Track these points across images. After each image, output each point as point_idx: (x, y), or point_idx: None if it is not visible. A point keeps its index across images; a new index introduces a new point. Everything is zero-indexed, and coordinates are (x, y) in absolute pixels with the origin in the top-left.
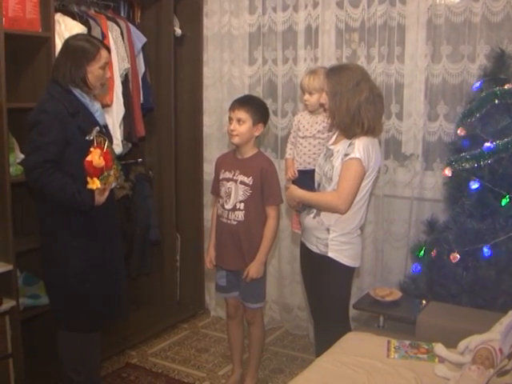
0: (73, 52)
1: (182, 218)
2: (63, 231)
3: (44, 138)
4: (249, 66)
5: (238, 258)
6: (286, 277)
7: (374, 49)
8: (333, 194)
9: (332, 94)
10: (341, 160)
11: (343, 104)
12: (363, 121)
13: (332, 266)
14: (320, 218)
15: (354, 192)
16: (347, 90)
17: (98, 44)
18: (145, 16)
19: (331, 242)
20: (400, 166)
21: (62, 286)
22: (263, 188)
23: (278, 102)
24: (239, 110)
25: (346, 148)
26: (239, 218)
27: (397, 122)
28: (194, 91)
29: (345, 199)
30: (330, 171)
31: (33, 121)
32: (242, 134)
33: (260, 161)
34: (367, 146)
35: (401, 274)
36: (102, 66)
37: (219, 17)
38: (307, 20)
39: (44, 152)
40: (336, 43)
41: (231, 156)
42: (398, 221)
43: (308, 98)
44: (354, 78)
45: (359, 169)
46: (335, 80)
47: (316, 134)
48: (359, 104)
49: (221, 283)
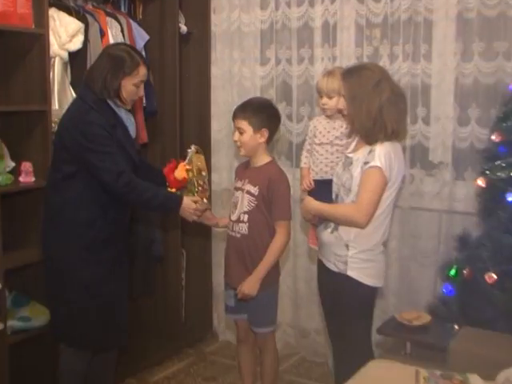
0: (111, 61)
1: (188, 231)
2: (73, 244)
3: (107, 148)
4: (261, 66)
5: (242, 275)
6: (301, 297)
7: (398, 47)
8: (351, 206)
9: (350, 97)
10: (360, 169)
11: (363, 107)
12: (386, 124)
13: (352, 286)
14: (338, 232)
15: (375, 204)
16: (366, 91)
17: (138, 59)
18: (147, 12)
19: (351, 260)
20: (427, 176)
21: (67, 300)
22: (271, 201)
23: (293, 105)
24: (237, 118)
25: (366, 155)
26: (242, 230)
27: (423, 127)
28: (201, 93)
29: (364, 212)
30: (348, 181)
31: (87, 134)
32: (245, 145)
33: (269, 170)
34: (388, 153)
35: (430, 295)
36: (137, 84)
37: (228, 12)
38: (324, 15)
39: (117, 160)
40: (356, 41)
41: (246, 164)
42: (426, 236)
43: (326, 102)
44: (373, 78)
45: (380, 178)
46: (353, 82)
47: (334, 141)
48: (380, 106)
49: (229, 303)
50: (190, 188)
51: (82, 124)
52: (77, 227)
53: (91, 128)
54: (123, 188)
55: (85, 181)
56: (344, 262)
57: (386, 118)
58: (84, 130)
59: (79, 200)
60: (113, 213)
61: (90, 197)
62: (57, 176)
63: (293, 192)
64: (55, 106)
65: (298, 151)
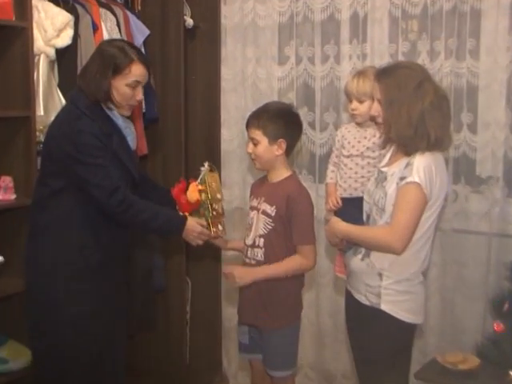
0: (102, 58)
1: (194, 257)
2: (60, 271)
3: (98, 160)
4: (279, 65)
5: (257, 310)
6: (326, 335)
7: (440, 42)
8: (385, 228)
9: (387, 101)
10: (396, 185)
11: (403, 113)
12: (428, 132)
13: (386, 323)
14: (370, 259)
15: (413, 226)
16: (407, 94)
17: (132, 56)
18: (147, 2)
19: (385, 291)
20: (474, 193)
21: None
22: (290, 222)
23: (316, 111)
24: (251, 127)
25: (402, 170)
26: (258, 256)
27: (469, 136)
28: (210, 97)
29: (400, 235)
30: (382, 200)
31: (77, 145)
32: (259, 157)
33: (288, 187)
34: (429, 166)
35: (477, 333)
36: (131, 85)
37: (241, 3)
38: (353, 6)
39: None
40: (390, 35)
41: (262, 180)
42: (473, 263)
43: (357, 107)
44: (413, 79)
45: (419, 196)
46: (390, 83)
47: (364, 152)
48: (422, 111)
49: (242, 340)
50: (202, 212)
51: (71, 132)
52: (65, 251)
53: (81, 137)
54: (116, 207)
55: (75, 197)
56: (377, 293)
57: (428, 125)
58: (73, 139)
59: (68, 219)
60: (107, 235)
61: (81, 215)
62: (43, 192)
63: (316, 212)
64: (40, 112)
65: (321, 164)
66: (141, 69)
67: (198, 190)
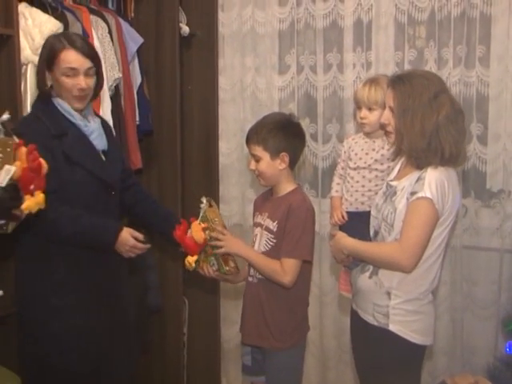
0: (41, 52)
1: (191, 276)
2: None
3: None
4: (279, 74)
5: (259, 330)
6: (330, 357)
7: (448, 49)
8: (394, 245)
9: (400, 110)
10: (406, 200)
11: (416, 124)
12: (443, 146)
13: (394, 344)
14: (378, 277)
15: (423, 243)
16: (421, 104)
17: (64, 42)
18: (141, 9)
19: (393, 311)
20: (484, 207)
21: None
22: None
23: (319, 122)
24: (251, 143)
25: (413, 184)
26: (259, 274)
27: (479, 148)
28: (207, 108)
29: (410, 253)
30: (391, 215)
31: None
32: (263, 174)
33: (289, 200)
34: (441, 180)
35: (489, 355)
36: (66, 73)
37: (239, 9)
38: (357, 12)
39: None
40: (395, 43)
41: (266, 195)
42: (484, 281)
43: (366, 115)
44: (429, 89)
45: (430, 212)
46: (405, 91)
47: (372, 165)
48: (438, 124)
49: (245, 362)
50: (210, 250)
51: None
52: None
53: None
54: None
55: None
56: (385, 313)
57: (443, 139)
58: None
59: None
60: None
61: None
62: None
63: (318, 228)
64: None
65: (324, 178)
66: (72, 55)
67: (202, 228)
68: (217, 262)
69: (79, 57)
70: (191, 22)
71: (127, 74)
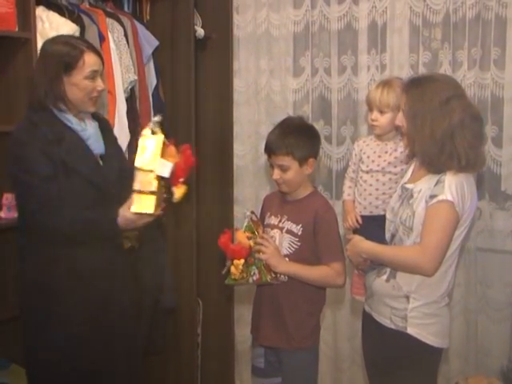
0: (49, 59)
1: (205, 277)
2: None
3: (34, 177)
4: (293, 77)
5: (277, 331)
6: (344, 359)
7: (463, 51)
8: (416, 248)
9: (411, 114)
10: (425, 203)
11: (426, 128)
12: (459, 152)
13: (412, 347)
14: (396, 280)
15: (445, 247)
16: (431, 109)
17: (81, 46)
18: (156, 12)
19: (411, 314)
20: (499, 210)
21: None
22: (317, 240)
23: (333, 124)
24: (277, 155)
25: (433, 187)
26: (281, 277)
27: (494, 150)
28: (222, 111)
29: (432, 256)
30: (409, 219)
31: (12, 158)
32: (290, 181)
33: (314, 204)
34: (461, 183)
35: (503, 357)
36: (89, 76)
37: (254, 12)
38: (371, 14)
39: (41, 191)
40: (410, 45)
41: (279, 196)
42: (498, 284)
43: (377, 118)
44: (441, 94)
45: (451, 215)
46: (416, 95)
47: (386, 168)
48: (451, 129)
49: (257, 364)
50: (251, 260)
51: (12, 146)
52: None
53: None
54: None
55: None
56: (403, 317)
57: (458, 144)
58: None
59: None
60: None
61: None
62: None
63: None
64: None
65: (338, 180)
66: (94, 57)
67: (247, 236)
68: (258, 272)
69: (97, 59)
70: (206, 25)
71: (142, 76)
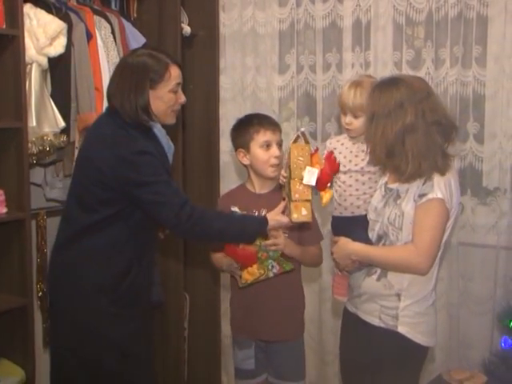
0: (134, 72)
1: (192, 272)
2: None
3: (161, 177)
4: (279, 74)
5: (266, 324)
6: (329, 351)
7: (445, 49)
8: (409, 248)
9: (368, 117)
10: (413, 203)
11: (378, 131)
12: (407, 157)
13: (401, 346)
14: (387, 279)
15: (438, 244)
16: (385, 112)
17: (165, 59)
18: (143, 9)
19: (403, 313)
20: (481, 205)
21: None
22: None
23: (318, 121)
24: (276, 131)
25: (421, 186)
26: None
27: (475, 146)
28: (208, 107)
29: (427, 255)
30: (398, 219)
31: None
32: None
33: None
34: (449, 180)
35: (485, 350)
36: (174, 89)
37: (240, 10)
38: (355, 13)
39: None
40: (394, 43)
41: (245, 192)
42: (479, 278)
43: (351, 121)
44: (396, 97)
45: (442, 212)
46: (375, 98)
47: (365, 167)
48: (402, 133)
49: (246, 366)
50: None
51: (129, 154)
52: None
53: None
54: (186, 222)
55: (126, 222)
56: (394, 315)
57: (408, 150)
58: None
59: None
60: (148, 256)
61: (132, 241)
62: (93, 218)
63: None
64: (32, 123)
65: None
66: (177, 70)
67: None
68: (277, 263)
69: (180, 71)
70: (193, 23)
71: None
